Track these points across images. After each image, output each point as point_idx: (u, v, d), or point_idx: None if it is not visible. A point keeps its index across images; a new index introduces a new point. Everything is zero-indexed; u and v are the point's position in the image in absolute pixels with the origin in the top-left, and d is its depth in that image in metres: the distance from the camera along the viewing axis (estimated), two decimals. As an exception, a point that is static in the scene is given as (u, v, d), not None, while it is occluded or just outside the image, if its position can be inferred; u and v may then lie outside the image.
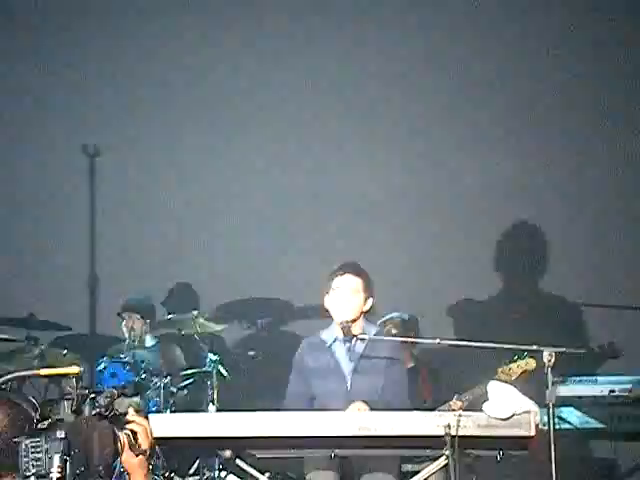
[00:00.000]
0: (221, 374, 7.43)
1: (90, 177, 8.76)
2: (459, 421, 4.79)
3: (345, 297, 5.63)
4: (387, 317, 7.15)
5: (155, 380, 7.34)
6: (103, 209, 8.77)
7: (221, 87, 8.84)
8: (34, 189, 8.76)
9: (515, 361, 5.97)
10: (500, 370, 6.00)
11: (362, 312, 5.70)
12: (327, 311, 5.70)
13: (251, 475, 5.20)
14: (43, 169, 8.77)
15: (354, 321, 5.64)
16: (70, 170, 8.77)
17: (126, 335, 7.78)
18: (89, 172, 8.75)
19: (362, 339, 5.62)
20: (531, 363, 5.87)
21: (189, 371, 7.60)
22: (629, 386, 7.02)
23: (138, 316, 7.86)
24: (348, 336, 5.56)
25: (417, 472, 5.24)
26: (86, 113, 8.75)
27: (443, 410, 6.06)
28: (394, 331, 6.89)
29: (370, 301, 5.72)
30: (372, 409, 5.28)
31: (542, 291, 8.46)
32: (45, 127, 8.73)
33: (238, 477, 5.43)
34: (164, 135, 8.86)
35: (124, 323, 7.84)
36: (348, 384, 5.60)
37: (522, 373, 5.96)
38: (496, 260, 8.65)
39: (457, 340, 5.34)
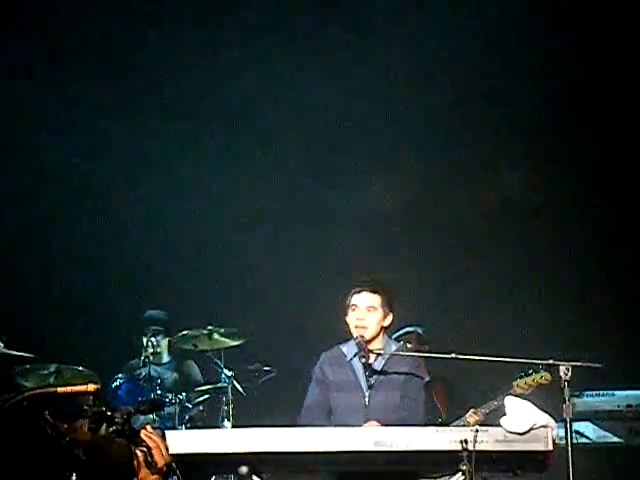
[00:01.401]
0: (236, 389, 7.43)
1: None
2: (476, 436, 4.76)
3: (362, 315, 5.62)
4: (402, 332, 7.14)
5: (170, 396, 7.34)
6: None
7: (231, 96, 8.87)
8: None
9: (530, 375, 5.96)
10: (515, 384, 5.99)
11: (382, 328, 5.70)
12: (348, 328, 5.70)
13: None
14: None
15: (374, 338, 5.64)
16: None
17: (149, 350, 7.75)
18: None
19: (379, 354, 5.62)
20: (547, 376, 5.85)
21: (204, 387, 7.60)
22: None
23: (163, 330, 7.86)
24: (363, 352, 5.55)
25: (434, 488, 5.21)
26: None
27: (458, 425, 6.05)
28: (409, 346, 6.87)
29: (390, 317, 5.71)
30: (389, 425, 5.26)
31: (557, 304, 8.45)
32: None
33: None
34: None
35: (147, 338, 7.81)
36: (366, 399, 5.59)
37: (537, 386, 5.95)
38: (513, 274, 8.64)
39: (472, 354, 5.29)
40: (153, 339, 7.84)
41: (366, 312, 5.63)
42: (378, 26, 8.72)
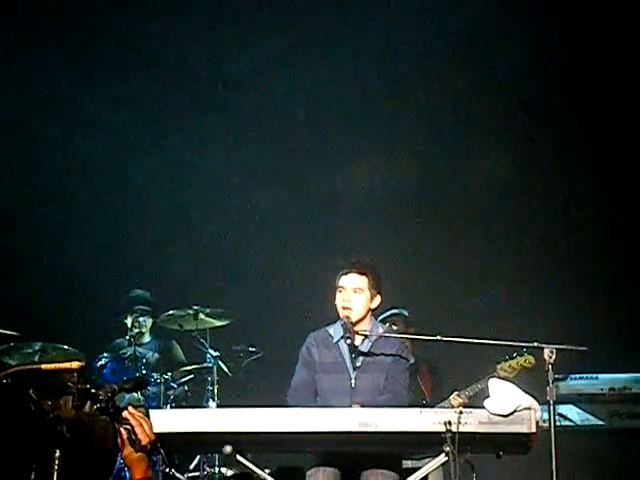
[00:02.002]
0: (221, 370, 7.43)
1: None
2: (460, 418, 4.78)
3: (348, 296, 5.62)
4: (387, 314, 7.14)
5: (155, 376, 7.34)
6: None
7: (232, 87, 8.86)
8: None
9: (514, 358, 5.98)
10: (499, 367, 6.01)
11: (369, 310, 5.70)
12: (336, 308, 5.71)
13: (252, 471, 5.20)
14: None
15: (361, 320, 5.64)
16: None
17: (134, 330, 7.76)
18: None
19: (366, 336, 5.63)
20: (530, 360, 5.87)
21: (189, 367, 7.60)
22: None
23: (149, 311, 7.87)
24: (349, 334, 5.55)
25: (417, 469, 5.23)
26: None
27: (443, 407, 6.07)
28: (395, 328, 6.88)
29: (377, 299, 5.71)
30: (375, 406, 5.27)
31: (543, 287, 8.48)
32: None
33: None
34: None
35: (133, 317, 7.82)
36: (352, 381, 5.60)
37: (521, 370, 5.97)
38: (498, 259, 8.67)
39: (457, 337, 5.31)
40: (141, 319, 7.85)
41: (352, 294, 5.63)
42: (368, 14, 8.70)
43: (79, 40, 8.63)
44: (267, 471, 5.61)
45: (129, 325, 7.83)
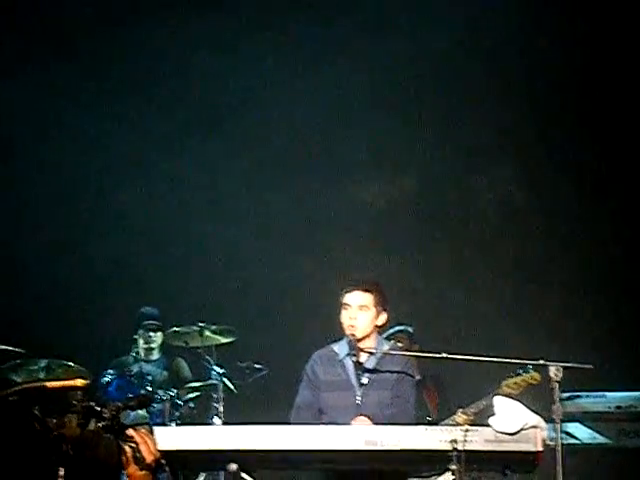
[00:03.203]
0: (227, 387, 7.42)
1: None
2: (466, 436, 4.76)
3: (354, 314, 5.61)
4: (392, 330, 7.13)
5: (161, 393, 7.33)
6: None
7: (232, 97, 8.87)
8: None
9: (519, 375, 5.95)
10: (504, 384, 5.98)
11: (375, 327, 5.68)
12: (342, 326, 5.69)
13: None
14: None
15: (366, 337, 5.63)
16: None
17: (141, 346, 7.75)
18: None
19: (372, 353, 5.61)
20: (535, 377, 5.85)
21: (195, 384, 7.59)
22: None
23: (158, 327, 7.86)
24: (354, 351, 5.54)
25: (423, 487, 5.21)
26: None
27: (447, 424, 6.05)
28: (400, 344, 6.87)
29: (384, 316, 5.69)
30: (380, 423, 5.26)
31: (549, 305, 8.46)
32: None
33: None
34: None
35: (143, 333, 7.81)
36: (358, 398, 5.58)
37: (526, 387, 5.95)
38: (503, 275, 8.66)
39: (462, 354, 5.29)
40: (152, 334, 7.84)
41: (358, 311, 5.61)
42: (367, 22, 8.72)
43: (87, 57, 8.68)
44: (273, 489, 5.59)
45: (140, 341, 7.83)
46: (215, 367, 7.45)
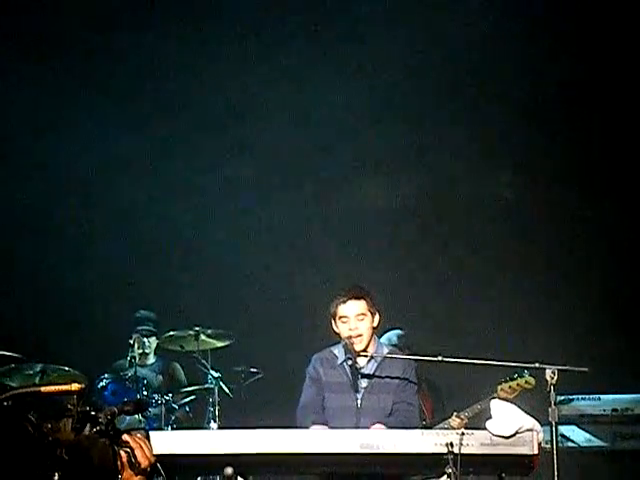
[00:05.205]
0: (223, 391, 7.41)
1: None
2: (462, 439, 4.76)
3: (354, 325, 5.61)
4: (390, 334, 7.13)
5: (157, 397, 7.32)
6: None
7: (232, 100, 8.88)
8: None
9: (515, 379, 5.95)
10: (500, 387, 5.99)
11: (373, 330, 5.69)
12: (337, 334, 5.68)
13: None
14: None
15: (368, 344, 5.64)
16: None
17: (136, 350, 7.75)
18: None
19: (372, 357, 5.61)
20: (530, 381, 5.84)
21: (191, 388, 7.58)
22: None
23: (154, 331, 7.86)
24: (350, 355, 5.54)
25: (419, 490, 5.21)
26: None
27: (442, 427, 6.05)
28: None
29: (377, 317, 5.71)
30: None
31: (545, 308, 8.46)
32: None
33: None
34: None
35: (137, 337, 7.80)
36: (358, 402, 5.59)
37: (521, 391, 5.95)
38: (499, 279, 8.66)
39: (458, 357, 5.29)
40: (146, 340, 7.84)
41: (358, 322, 5.61)
42: (368, 27, 8.73)
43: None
44: (268, 493, 5.58)
45: (135, 346, 7.81)
46: (211, 371, 7.44)
